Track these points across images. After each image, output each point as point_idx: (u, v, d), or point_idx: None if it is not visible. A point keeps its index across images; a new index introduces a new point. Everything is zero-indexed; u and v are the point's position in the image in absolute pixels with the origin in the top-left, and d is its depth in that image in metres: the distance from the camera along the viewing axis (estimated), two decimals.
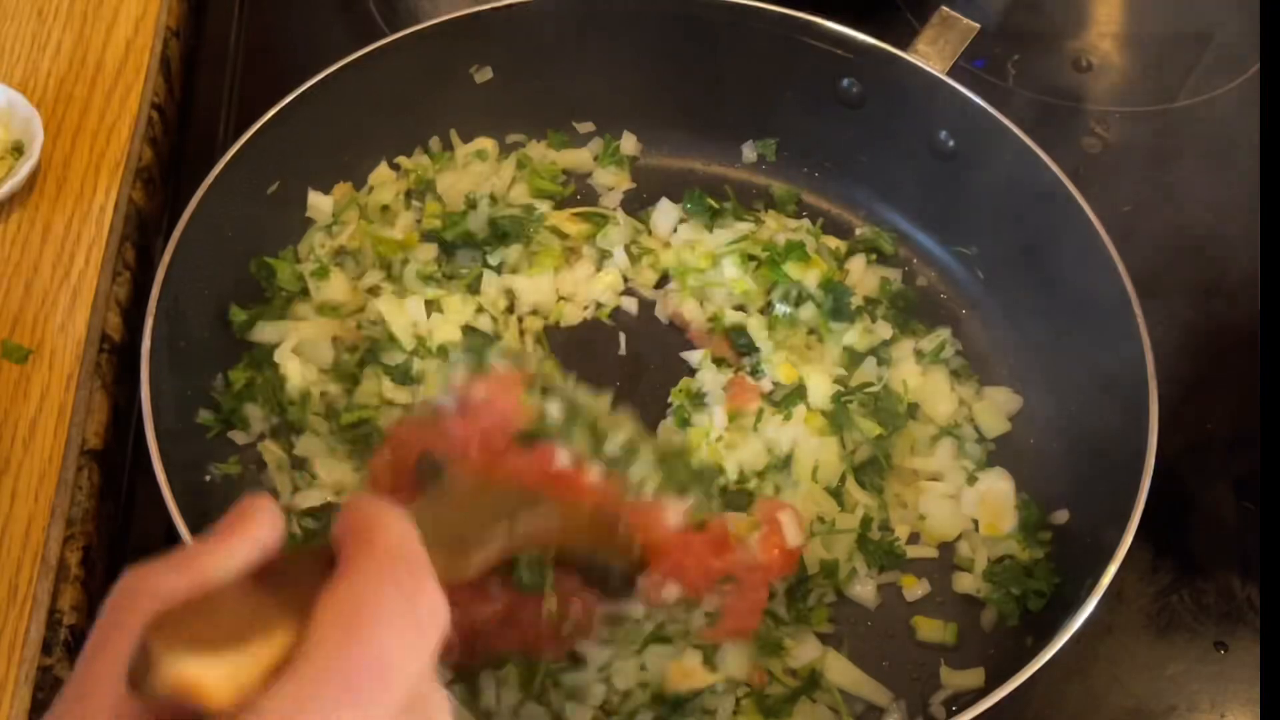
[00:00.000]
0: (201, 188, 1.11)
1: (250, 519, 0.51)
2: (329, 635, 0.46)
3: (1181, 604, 1.10)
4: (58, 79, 1.31)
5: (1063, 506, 1.11)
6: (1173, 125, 1.43)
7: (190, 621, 0.46)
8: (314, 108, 1.19)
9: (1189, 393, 1.09)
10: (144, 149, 1.29)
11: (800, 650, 1.04)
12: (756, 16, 1.26)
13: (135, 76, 1.32)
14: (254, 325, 1.16)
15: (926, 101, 1.23)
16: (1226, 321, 1.20)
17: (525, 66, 1.31)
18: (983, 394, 1.20)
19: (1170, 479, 1.02)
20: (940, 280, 1.30)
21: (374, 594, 0.47)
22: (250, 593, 0.49)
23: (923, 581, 1.09)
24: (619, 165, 1.35)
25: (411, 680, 0.47)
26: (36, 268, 1.17)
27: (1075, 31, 1.53)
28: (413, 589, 0.48)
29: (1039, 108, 1.42)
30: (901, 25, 1.40)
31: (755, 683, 1.01)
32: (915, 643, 1.07)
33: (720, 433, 1.13)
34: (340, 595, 0.47)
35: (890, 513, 1.12)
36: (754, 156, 1.37)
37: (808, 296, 1.22)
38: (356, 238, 1.24)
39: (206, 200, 1.11)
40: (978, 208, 1.25)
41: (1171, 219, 1.29)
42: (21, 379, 1.11)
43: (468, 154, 1.32)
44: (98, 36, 1.36)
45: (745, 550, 1.03)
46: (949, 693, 1.04)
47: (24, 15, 1.37)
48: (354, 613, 0.46)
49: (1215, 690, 1.05)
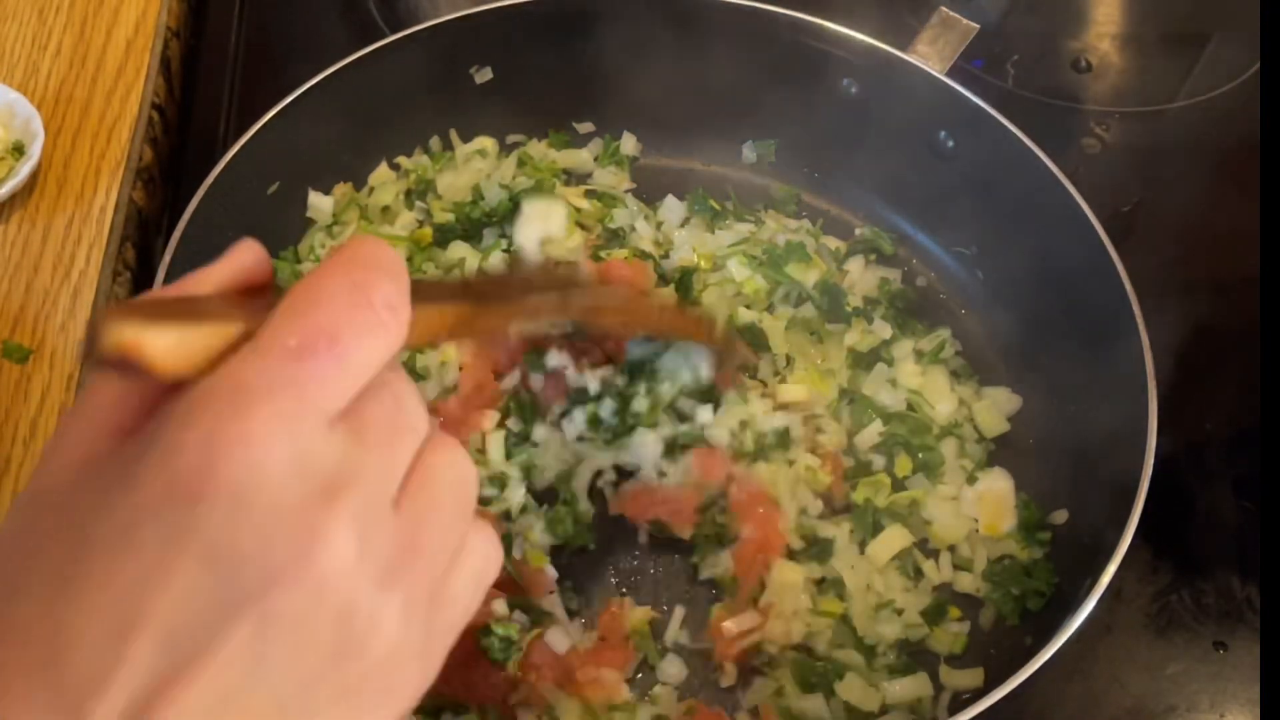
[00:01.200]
0: (201, 188, 1.11)
1: (233, 251, 0.53)
2: (276, 317, 0.47)
3: (1181, 604, 1.10)
4: (58, 79, 1.31)
5: (1062, 506, 1.11)
6: (1173, 125, 1.43)
7: (150, 305, 0.47)
8: (314, 108, 1.19)
9: (1189, 393, 1.09)
10: (144, 149, 1.29)
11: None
12: (756, 16, 1.26)
13: (135, 76, 1.33)
14: None
15: (926, 101, 1.23)
16: (1226, 321, 1.20)
17: (525, 66, 1.31)
18: (982, 394, 1.20)
19: (1170, 479, 1.02)
20: (940, 280, 1.30)
21: (325, 282, 0.48)
22: (222, 300, 0.50)
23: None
24: (619, 165, 1.35)
25: (366, 363, 0.47)
26: (36, 268, 1.18)
27: (1075, 32, 1.53)
28: (364, 280, 0.48)
29: (1038, 108, 1.42)
30: (901, 25, 1.40)
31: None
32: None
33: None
34: (294, 289, 0.48)
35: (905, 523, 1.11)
36: (754, 156, 1.37)
37: (808, 297, 1.22)
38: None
39: (206, 200, 1.11)
40: (978, 208, 1.25)
41: (1171, 219, 1.29)
42: (22, 379, 1.11)
43: (468, 154, 1.32)
44: (98, 36, 1.36)
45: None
46: (948, 693, 1.04)
47: (24, 15, 1.37)
48: (302, 296, 0.47)
49: (1215, 690, 1.05)
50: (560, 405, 1.10)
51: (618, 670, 1.02)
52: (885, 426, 1.14)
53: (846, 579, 1.07)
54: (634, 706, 1.01)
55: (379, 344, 0.48)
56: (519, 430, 1.11)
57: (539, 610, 1.04)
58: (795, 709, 1.01)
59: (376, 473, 0.47)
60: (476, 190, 1.27)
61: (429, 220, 1.27)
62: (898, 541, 1.09)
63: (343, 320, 0.47)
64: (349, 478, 0.46)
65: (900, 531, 1.10)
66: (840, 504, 1.12)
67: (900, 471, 1.13)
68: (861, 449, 1.15)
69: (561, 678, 1.00)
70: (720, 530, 1.09)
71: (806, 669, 1.02)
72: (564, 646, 1.02)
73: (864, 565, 1.08)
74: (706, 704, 1.02)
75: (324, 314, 0.47)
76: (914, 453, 1.13)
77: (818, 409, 1.16)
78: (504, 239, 1.25)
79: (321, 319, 0.46)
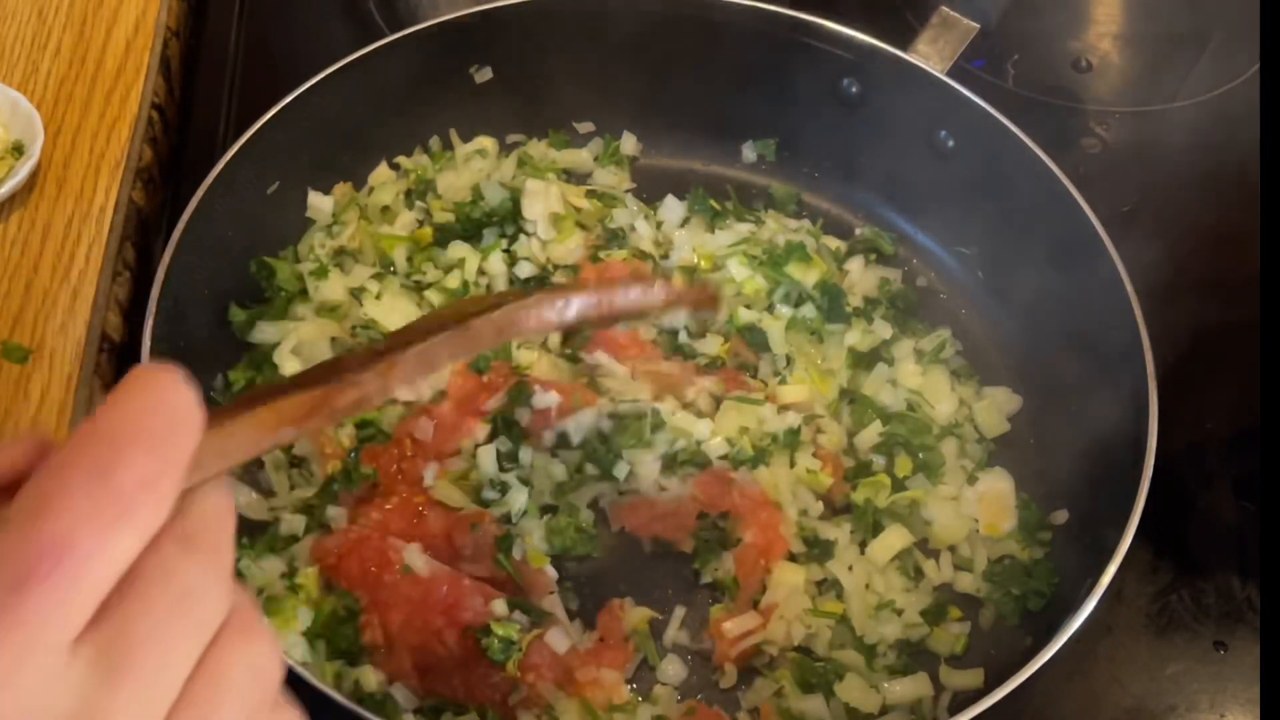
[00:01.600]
0: (201, 188, 1.11)
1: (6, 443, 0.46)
2: (8, 524, 0.41)
3: (1181, 604, 1.10)
4: (58, 79, 1.31)
5: (1062, 506, 1.11)
6: (1173, 125, 1.43)
7: None
8: (314, 108, 1.19)
9: (1189, 392, 1.09)
10: (144, 149, 1.29)
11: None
12: (756, 16, 1.26)
13: (135, 76, 1.32)
14: (254, 325, 1.16)
15: (926, 102, 1.23)
16: (1226, 321, 1.20)
17: (525, 66, 1.31)
18: (983, 394, 1.20)
19: (1170, 479, 1.02)
20: (940, 280, 1.30)
21: (59, 474, 0.41)
22: None
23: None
24: (619, 165, 1.35)
25: (113, 561, 0.41)
26: (36, 268, 1.17)
27: (1075, 31, 1.53)
28: (107, 459, 0.41)
29: (1039, 108, 1.42)
30: (901, 25, 1.40)
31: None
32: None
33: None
34: (23, 490, 0.41)
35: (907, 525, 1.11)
36: (754, 156, 1.37)
37: (808, 297, 1.22)
38: (357, 238, 1.24)
39: (206, 200, 1.11)
40: (978, 208, 1.25)
41: (1171, 219, 1.29)
42: (22, 379, 1.11)
43: (468, 154, 1.32)
44: (98, 36, 1.36)
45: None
46: (948, 693, 1.04)
47: (24, 15, 1.37)
48: (32, 497, 0.41)
49: (1215, 690, 1.05)
50: (550, 432, 1.11)
51: (618, 670, 1.02)
52: (885, 426, 1.14)
53: (846, 579, 1.07)
54: (634, 707, 1.01)
55: (129, 534, 0.41)
56: (506, 450, 1.11)
57: (539, 610, 1.04)
58: (795, 710, 1.01)
59: (133, 708, 0.41)
60: (476, 190, 1.27)
61: (429, 220, 1.27)
62: (898, 542, 1.09)
63: (78, 521, 0.40)
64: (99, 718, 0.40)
65: (900, 532, 1.10)
66: (840, 504, 1.12)
67: (900, 472, 1.13)
68: (861, 449, 1.15)
69: (561, 678, 1.00)
70: (722, 535, 1.09)
71: (806, 669, 1.02)
72: (564, 646, 1.02)
73: (864, 565, 1.08)
74: (706, 704, 1.02)
75: (53, 521, 0.40)
76: (914, 453, 1.13)
77: (818, 409, 1.16)
78: (504, 239, 1.26)
79: (49, 528, 0.40)
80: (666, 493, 1.10)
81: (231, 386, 1.13)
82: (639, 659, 1.05)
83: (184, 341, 1.09)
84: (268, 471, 1.11)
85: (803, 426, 1.13)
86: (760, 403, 1.14)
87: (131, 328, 1.17)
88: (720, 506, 1.09)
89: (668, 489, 1.10)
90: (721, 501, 1.09)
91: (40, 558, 0.39)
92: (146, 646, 0.41)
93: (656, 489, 1.10)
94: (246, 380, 1.13)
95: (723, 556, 1.08)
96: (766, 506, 1.09)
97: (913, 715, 1.02)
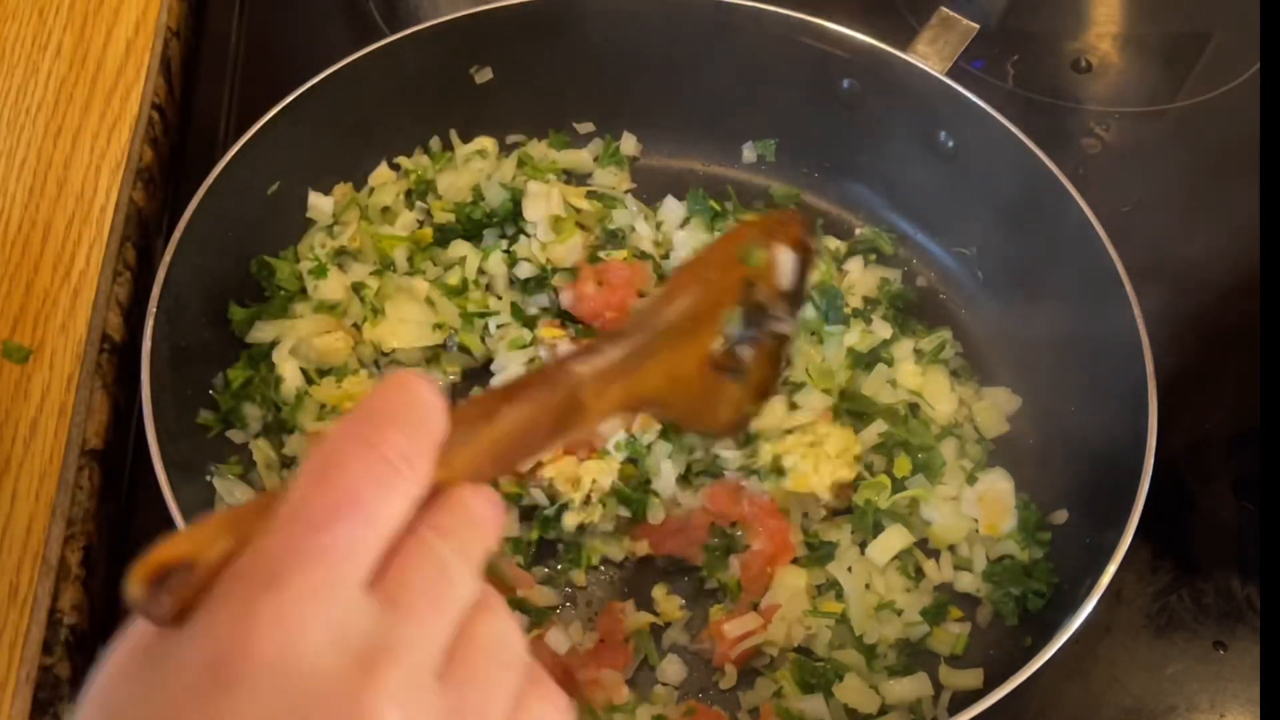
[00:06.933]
0: (201, 188, 1.11)
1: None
2: (295, 488, 0.48)
3: (1181, 604, 1.10)
4: (58, 79, 1.31)
5: (1062, 506, 1.11)
6: (1173, 125, 1.43)
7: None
8: (314, 108, 1.19)
9: (1188, 393, 1.09)
10: (144, 149, 1.29)
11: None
12: (757, 17, 1.26)
13: (135, 77, 1.32)
14: (253, 324, 1.16)
15: (926, 102, 1.23)
16: (1226, 321, 1.20)
17: (525, 66, 1.31)
18: (982, 394, 1.20)
19: (1170, 479, 1.02)
20: (940, 280, 1.30)
21: (337, 445, 0.48)
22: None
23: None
24: (619, 165, 1.35)
25: (391, 518, 0.48)
26: (37, 268, 1.17)
27: (1074, 32, 1.53)
28: (374, 436, 0.48)
29: (1038, 108, 1.42)
30: (901, 25, 1.40)
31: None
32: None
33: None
34: (308, 460, 0.49)
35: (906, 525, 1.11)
36: (754, 156, 1.37)
37: (808, 297, 1.22)
38: (357, 238, 1.24)
39: (206, 200, 1.11)
40: (977, 208, 1.25)
41: (1171, 219, 1.29)
42: (22, 379, 1.11)
43: (468, 154, 1.32)
44: (98, 37, 1.36)
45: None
46: (948, 693, 1.04)
47: (24, 15, 1.37)
48: (318, 463, 0.48)
49: (1215, 690, 1.05)
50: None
51: (618, 670, 1.02)
52: (885, 427, 1.14)
53: (846, 580, 1.07)
54: (634, 707, 1.01)
55: (399, 497, 0.48)
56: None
57: (539, 610, 1.04)
58: (795, 710, 1.01)
59: (416, 643, 0.47)
60: (476, 190, 1.27)
61: (429, 220, 1.27)
62: (898, 542, 1.09)
63: (361, 480, 0.47)
64: (388, 649, 0.45)
65: (900, 532, 1.10)
66: (840, 505, 1.12)
67: (900, 472, 1.13)
68: (861, 450, 1.15)
69: (561, 678, 1.00)
70: (730, 542, 1.09)
71: (806, 670, 1.02)
72: (564, 646, 1.02)
73: (864, 566, 1.08)
74: (706, 705, 1.02)
75: (342, 477, 0.47)
76: (914, 453, 1.13)
77: (818, 409, 1.16)
78: (504, 239, 1.25)
79: (341, 483, 0.47)
80: (680, 508, 1.10)
81: (231, 385, 1.13)
82: (639, 659, 1.05)
83: (184, 341, 1.09)
84: (259, 470, 1.11)
85: (809, 429, 1.13)
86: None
87: (132, 328, 1.17)
88: (731, 516, 1.09)
89: (682, 504, 1.10)
90: (732, 511, 1.09)
91: (337, 505, 0.46)
92: (424, 597, 0.48)
93: (673, 504, 1.10)
94: (244, 379, 1.13)
95: (728, 561, 1.08)
96: (776, 515, 1.09)
97: (912, 715, 1.02)
